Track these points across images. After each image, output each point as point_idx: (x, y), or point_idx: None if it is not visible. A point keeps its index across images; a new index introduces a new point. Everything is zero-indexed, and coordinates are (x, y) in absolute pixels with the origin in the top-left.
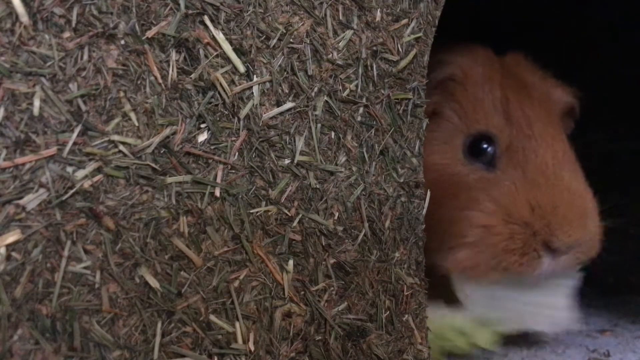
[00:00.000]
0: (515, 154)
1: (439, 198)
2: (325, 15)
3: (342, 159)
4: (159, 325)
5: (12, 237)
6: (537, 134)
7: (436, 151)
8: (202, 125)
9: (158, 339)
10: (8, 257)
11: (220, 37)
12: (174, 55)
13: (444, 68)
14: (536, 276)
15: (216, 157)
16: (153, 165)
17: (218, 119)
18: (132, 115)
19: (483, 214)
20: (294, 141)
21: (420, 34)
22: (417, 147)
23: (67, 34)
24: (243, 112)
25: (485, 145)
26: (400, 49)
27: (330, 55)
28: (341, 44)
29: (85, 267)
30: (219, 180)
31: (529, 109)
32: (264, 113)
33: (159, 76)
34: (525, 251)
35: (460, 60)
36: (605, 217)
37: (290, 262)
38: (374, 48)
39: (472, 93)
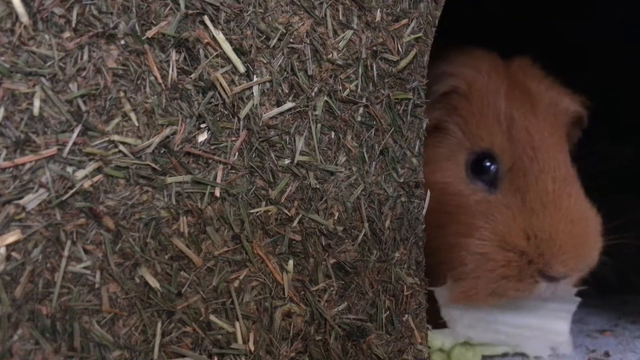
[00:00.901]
0: (516, 177)
1: (441, 222)
2: (325, 15)
3: (342, 159)
4: (159, 325)
5: (12, 237)
6: (540, 157)
7: (439, 169)
8: (202, 125)
9: (158, 339)
10: (8, 257)
11: (220, 37)
12: (174, 55)
13: (447, 80)
14: (534, 298)
15: (216, 157)
16: (153, 165)
17: (218, 119)
18: (132, 115)
19: (480, 242)
20: (294, 141)
21: (420, 34)
22: (417, 147)
23: (67, 34)
24: (243, 112)
25: (488, 164)
26: (400, 49)
27: (330, 55)
28: (341, 44)
29: (85, 267)
30: (219, 180)
31: (534, 126)
32: (264, 113)
33: (159, 76)
34: (521, 277)
35: (463, 72)
36: (610, 232)
37: (290, 262)
38: (374, 48)
39: (476, 107)
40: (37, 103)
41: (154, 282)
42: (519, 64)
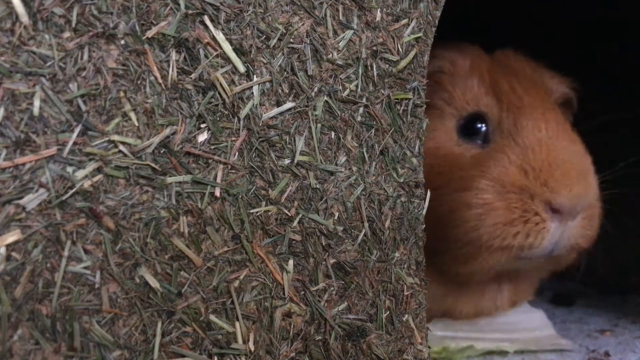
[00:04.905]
0: (505, 127)
1: (437, 184)
2: (325, 15)
3: (342, 159)
4: (159, 325)
5: (12, 237)
6: (528, 106)
7: (429, 138)
8: (202, 125)
9: (158, 339)
10: (8, 257)
11: (220, 37)
12: (174, 55)
13: (433, 61)
14: (544, 249)
15: (216, 157)
16: (153, 165)
17: (218, 119)
18: (132, 115)
19: (477, 191)
20: (294, 141)
21: (420, 34)
22: (417, 147)
23: (67, 34)
24: (243, 112)
25: (479, 125)
26: (400, 49)
27: (330, 55)
28: (341, 44)
29: (85, 267)
30: (219, 180)
31: (520, 88)
32: (264, 113)
33: (159, 76)
34: (526, 218)
35: (448, 54)
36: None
37: (290, 262)
38: (374, 48)
39: (460, 81)
40: (37, 103)
41: (154, 282)
42: (502, 52)
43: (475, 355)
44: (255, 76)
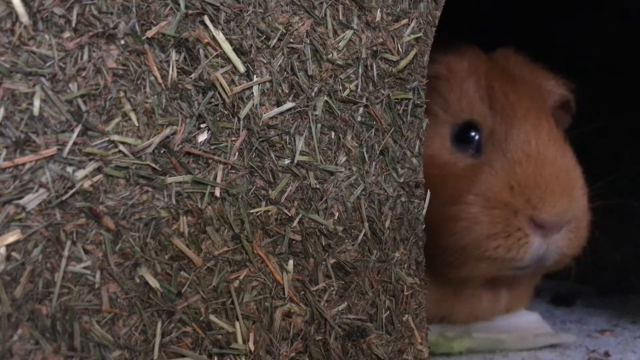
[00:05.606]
0: (497, 137)
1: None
2: (325, 15)
3: (342, 159)
4: (159, 325)
5: (12, 237)
6: (520, 116)
7: (425, 145)
8: (202, 125)
9: (158, 339)
10: (8, 257)
11: (220, 37)
12: (174, 55)
13: (429, 66)
14: (528, 262)
15: (216, 157)
16: (153, 165)
17: (218, 119)
18: (132, 115)
19: (466, 206)
20: (294, 141)
21: (420, 34)
22: (417, 147)
23: (67, 34)
24: (243, 112)
25: (472, 133)
26: (400, 49)
27: (330, 55)
28: (341, 44)
29: (85, 267)
30: (219, 180)
31: (513, 95)
32: (264, 113)
33: (159, 76)
34: (508, 232)
35: (445, 58)
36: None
37: (290, 262)
38: (374, 48)
39: (456, 86)
40: (37, 103)
41: (154, 282)
42: (502, 52)
43: (474, 350)
44: (255, 76)
